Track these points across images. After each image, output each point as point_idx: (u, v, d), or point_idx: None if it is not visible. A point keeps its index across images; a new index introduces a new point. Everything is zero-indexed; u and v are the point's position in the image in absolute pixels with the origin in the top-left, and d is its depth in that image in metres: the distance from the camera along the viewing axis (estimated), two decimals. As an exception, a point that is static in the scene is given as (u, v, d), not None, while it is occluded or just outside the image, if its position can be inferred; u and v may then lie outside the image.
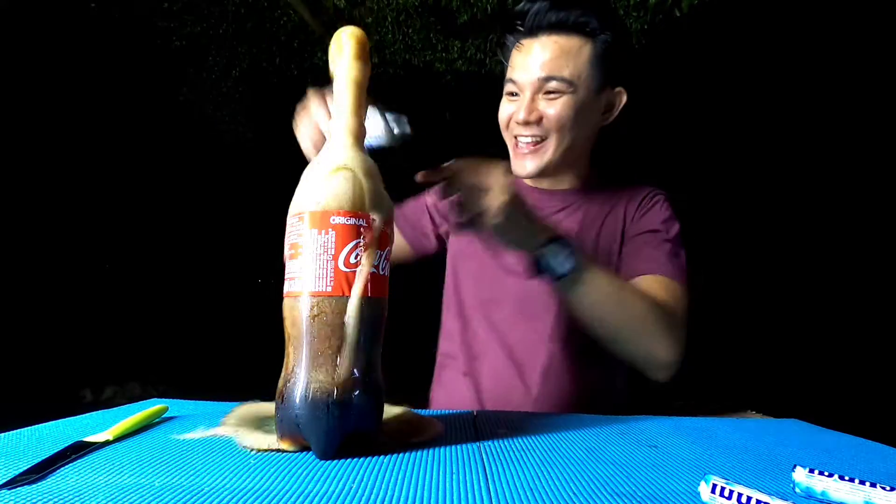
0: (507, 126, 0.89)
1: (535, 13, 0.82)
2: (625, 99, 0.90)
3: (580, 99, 0.83)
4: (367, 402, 0.52)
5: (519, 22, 0.84)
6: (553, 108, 0.83)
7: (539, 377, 0.92)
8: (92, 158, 6.64)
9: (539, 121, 0.84)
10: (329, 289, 0.50)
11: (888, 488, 0.41)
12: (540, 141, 0.85)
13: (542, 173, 0.88)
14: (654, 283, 0.82)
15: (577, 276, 0.68)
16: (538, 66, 0.82)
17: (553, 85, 0.82)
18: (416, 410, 0.69)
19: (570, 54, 0.82)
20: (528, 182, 0.96)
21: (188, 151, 7.21)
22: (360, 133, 0.56)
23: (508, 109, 0.88)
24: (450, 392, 1.04)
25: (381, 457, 0.50)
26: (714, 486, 0.40)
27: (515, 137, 0.88)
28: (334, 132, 0.56)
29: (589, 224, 0.93)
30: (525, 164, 0.87)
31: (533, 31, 0.83)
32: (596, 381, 0.95)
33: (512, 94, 0.87)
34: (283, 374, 0.53)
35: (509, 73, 0.87)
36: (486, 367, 0.97)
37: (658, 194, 0.95)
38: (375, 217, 0.52)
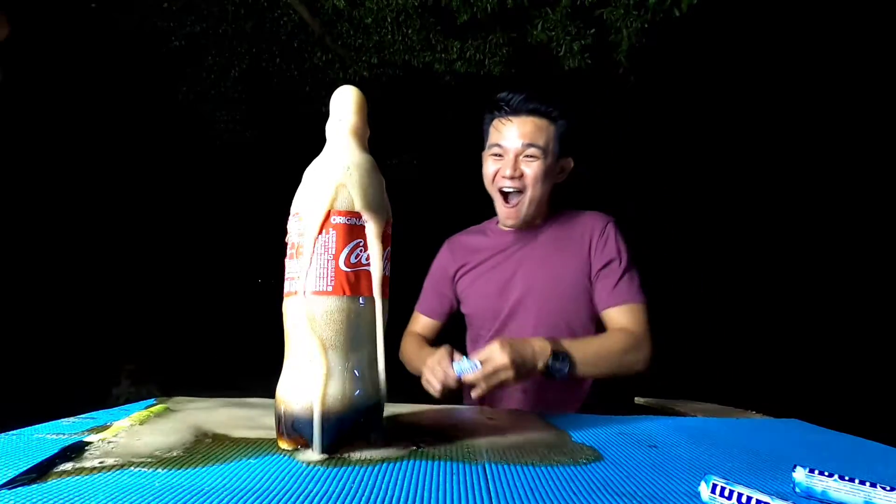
0: (493, 180, 1.15)
1: (519, 100, 1.12)
2: (572, 165, 1.20)
3: (548, 163, 1.12)
4: (368, 402, 0.52)
5: (504, 104, 1.14)
6: (530, 168, 1.11)
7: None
8: (91, 158, 6.64)
9: (521, 176, 1.12)
10: (330, 288, 0.50)
11: (888, 488, 0.41)
12: (519, 192, 1.12)
13: (523, 223, 1.17)
14: (621, 315, 1.10)
15: (573, 370, 0.94)
16: (520, 136, 1.11)
17: (531, 151, 1.11)
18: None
19: (543, 130, 1.12)
20: (504, 229, 1.23)
21: (187, 151, 7.20)
22: (362, 133, 0.56)
23: (494, 167, 1.14)
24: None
25: (382, 457, 0.50)
26: (714, 486, 0.40)
27: (500, 190, 1.14)
28: (336, 133, 0.56)
29: (554, 248, 1.18)
30: (511, 217, 1.15)
31: (515, 112, 1.13)
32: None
33: (496, 155, 1.14)
34: (283, 373, 0.53)
35: (493, 140, 1.14)
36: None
37: (610, 223, 1.19)
38: (376, 217, 0.53)
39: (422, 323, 1.30)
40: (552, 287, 1.15)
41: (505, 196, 1.14)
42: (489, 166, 1.15)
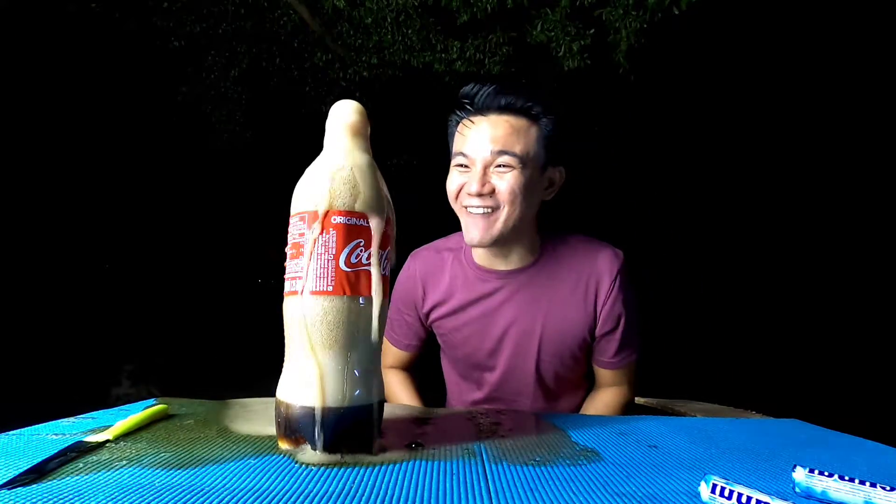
0: (457, 197, 0.92)
1: (486, 94, 0.88)
2: (564, 176, 0.96)
3: (528, 174, 0.88)
4: (368, 401, 0.52)
5: (468, 101, 0.90)
6: (504, 182, 0.87)
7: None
8: (91, 158, 6.64)
9: (491, 193, 0.88)
10: (330, 288, 0.50)
11: (888, 488, 0.41)
12: (491, 212, 0.88)
13: (493, 242, 0.91)
14: (616, 376, 1.01)
15: None
16: (490, 140, 0.87)
17: (505, 159, 0.86)
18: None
19: (520, 133, 0.87)
20: (478, 258, 1.00)
21: (187, 151, 7.20)
22: (362, 133, 0.56)
23: (459, 181, 0.91)
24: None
25: (381, 457, 0.50)
26: (714, 486, 0.40)
27: (466, 209, 0.90)
28: (337, 133, 0.56)
29: (552, 294, 0.97)
30: (477, 234, 0.90)
31: (482, 111, 0.89)
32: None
33: (462, 166, 0.90)
34: (283, 373, 0.53)
35: (458, 147, 0.91)
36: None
37: (621, 270, 0.98)
38: (376, 217, 0.53)
39: (393, 354, 1.11)
40: (555, 342, 0.97)
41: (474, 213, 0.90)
42: (453, 180, 0.92)
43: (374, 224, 0.52)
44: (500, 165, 0.87)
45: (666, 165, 7.19)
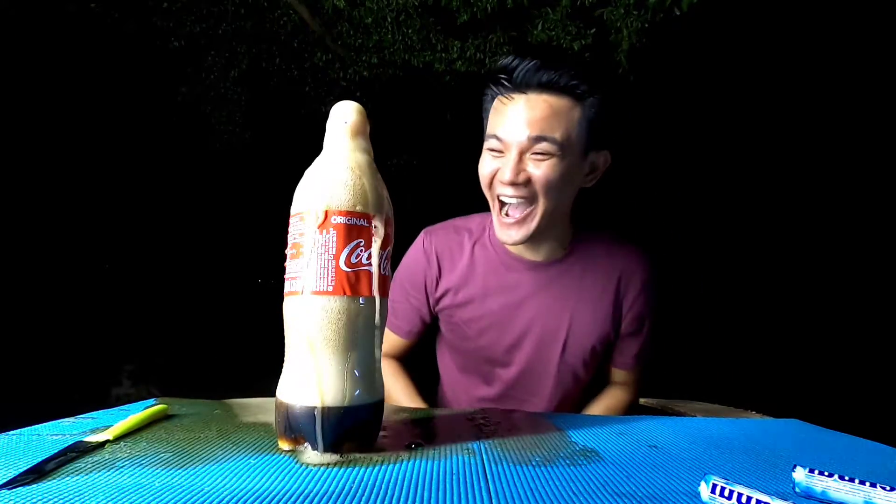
0: (490, 184, 0.84)
1: (526, 70, 0.78)
2: (609, 161, 0.88)
3: (568, 162, 0.80)
4: (368, 401, 0.52)
5: (505, 77, 0.80)
6: (541, 170, 0.79)
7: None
8: (91, 158, 6.64)
9: (527, 182, 0.80)
10: (330, 288, 0.50)
11: (888, 488, 0.41)
12: (525, 202, 0.82)
13: (528, 240, 0.85)
14: (630, 375, 0.99)
15: None
16: (527, 124, 0.78)
17: (542, 146, 0.78)
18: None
19: (561, 115, 0.78)
20: (511, 249, 0.93)
21: (187, 151, 7.20)
22: (363, 134, 0.56)
23: (492, 166, 0.83)
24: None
25: (381, 457, 0.50)
26: (714, 486, 0.40)
27: (499, 198, 0.83)
28: (337, 133, 0.56)
29: (580, 292, 0.92)
30: (511, 233, 0.84)
31: (521, 88, 0.79)
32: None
33: (495, 150, 0.82)
34: (283, 373, 0.53)
35: (491, 129, 0.82)
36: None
37: (651, 272, 0.95)
38: (377, 217, 0.53)
39: (391, 341, 1.01)
40: (580, 343, 0.92)
41: (504, 206, 0.84)
42: (485, 164, 0.84)
43: (375, 224, 0.52)
44: (537, 152, 0.79)
45: (666, 166, 7.20)
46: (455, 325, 0.98)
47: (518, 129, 0.78)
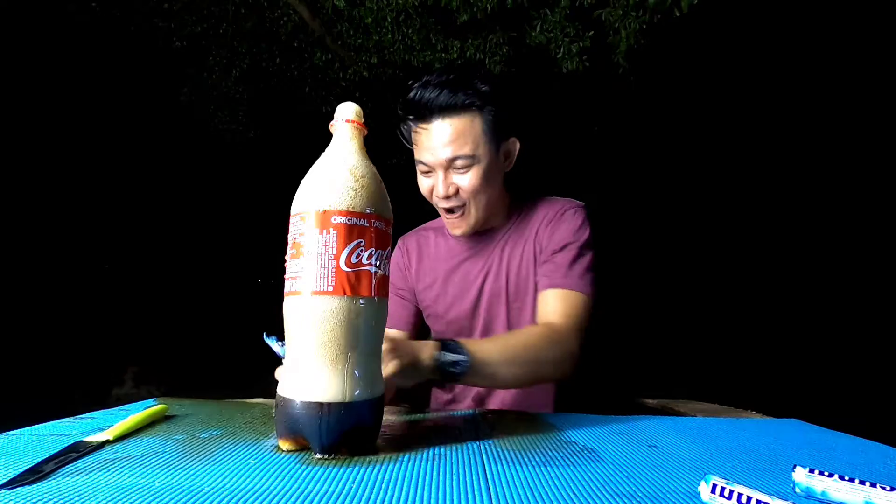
0: (430, 197, 0.99)
1: (426, 102, 0.90)
2: (518, 145, 1.01)
3: (485, 164, 0.93)
4: (367, 401, 0.52)
5: (412, 114, 0.93)
6: (465, 180, 0.93)
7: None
8: (93, 159, 6.64)
9: (456, 192, 0.95)
10: (330, 288, 0.50)
11: (888, 488, 0.41)
12: (461, 207, 0.96)
13: (473, 231, 1.01)
14: (554, 301, 0.94)
15: (472, 366, 0.74)
16: (440, 147, 0.91)
17: (459, 162, 0.92)
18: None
19: (466, 132, 0.90)
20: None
21: (188, 151, 7.20)
22: (362, 134, 0.56)
23: (427, 183, 0.97)
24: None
25: (381, 457, 0.50)
26: (714, 486, 0.40)
27: (439, 206, 0.98)
28: (338, 133, 0.56)
29: (511, 255, 1.04)
30: (456, 230, 1.00)
31: (425, 119, 0.92)
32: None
33: (424, 172, 0.97)
34: (284, 373, 0.53)
35: (417, 154, 0.96)
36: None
37: (568, 208, 1.03)
38: (377, 217, 0.53)
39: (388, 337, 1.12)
40: (520, 293, 1.01)
41: (447, 209, 0.98)
42: (422, 182, 0.98)
43: (375, 224, 0.52)
44: (457, 167, 0.92)
45: (665, 166, 7.20)
46: (430, 307, 1.11)
47: (435, 153, 0.92)
